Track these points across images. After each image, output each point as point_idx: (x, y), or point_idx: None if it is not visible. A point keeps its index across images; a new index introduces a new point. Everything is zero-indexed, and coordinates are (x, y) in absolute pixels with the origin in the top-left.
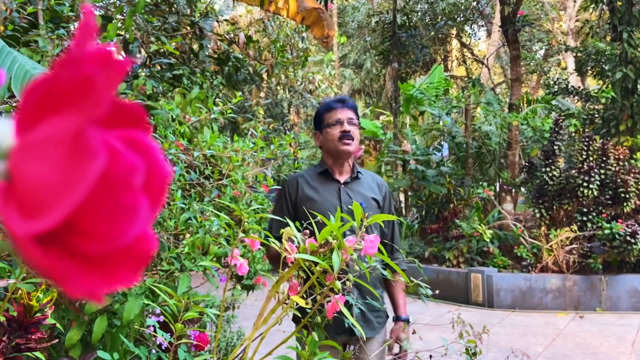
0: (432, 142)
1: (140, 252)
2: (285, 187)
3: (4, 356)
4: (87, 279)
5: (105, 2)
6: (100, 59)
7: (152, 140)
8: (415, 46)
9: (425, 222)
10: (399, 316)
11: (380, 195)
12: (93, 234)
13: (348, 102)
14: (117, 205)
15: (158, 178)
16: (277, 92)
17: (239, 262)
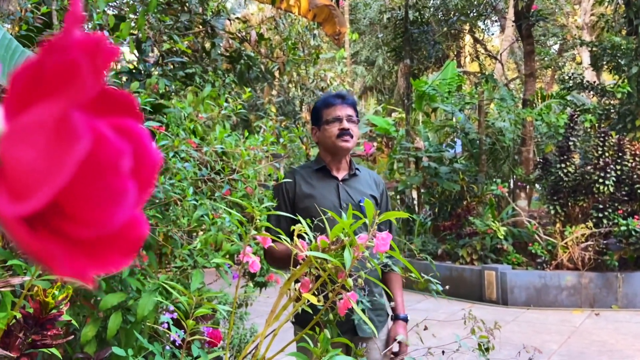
0: (445, 138)
1: (131, 236)
2: (282, 185)
3: (20, 352)
4: (76, 262)
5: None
6: (87, 46)
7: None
8: (428, 42)
9: (438, 219)
10: (398, 315)
11: (378, 192)
12: (82, 217)
13: (347, 98)
14: (104, 190)
15: (147, 164)
16: (289, 89)
17: (250, 260)
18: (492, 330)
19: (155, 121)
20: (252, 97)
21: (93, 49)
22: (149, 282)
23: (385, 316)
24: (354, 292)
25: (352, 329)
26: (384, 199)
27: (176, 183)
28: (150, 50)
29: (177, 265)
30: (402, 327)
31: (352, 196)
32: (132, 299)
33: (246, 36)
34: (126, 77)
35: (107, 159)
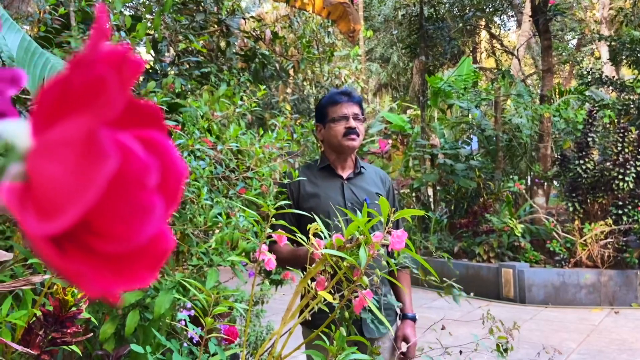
0: (461, 135)
1: (157, 251)
2: (288, 184)
3: (40, 350)
4: (103, 279)
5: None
6: (113, 60)
7: (168, 139)
8: (443, 38)
9: (454, 217)
10: (406, 314)
11: (384, 190)
12: (109, 234)
13: (354, 96)
14: (131, 205)
15: (173, 177)
16: (304, 87)
17: (266, 258)
18: (511, 330)
19: (172, 120)
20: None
21: (119, 63)
22: (166, 280)
23: (394, 316)
24: (369, 291)
25: (359, 330)
26: (391, 196)
27: (191, 182)
28: (166, 50)
29: (193, 264)
30: (411, 326)
31: (357, 195)
32: (150, 296)
33: (261, 35)
34: (143, 77)
35: (133, 174)
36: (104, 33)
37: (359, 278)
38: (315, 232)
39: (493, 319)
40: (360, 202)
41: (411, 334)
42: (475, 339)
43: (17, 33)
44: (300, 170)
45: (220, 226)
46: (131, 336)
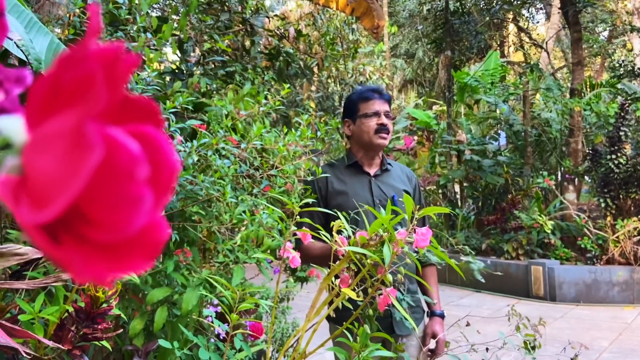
0: (489, 131)
1: (152, 240)
2: (315, 181)
3: (72, 345)
4: (95, 266)
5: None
6: (104, 57)
7: (163, 134)
8: (469, 33)
9: (481, 214)
10: (434, 311)
11: (411, 187)
12: (101, 223)
13: (384, 93)
14: (121, 196)
15: (166, 170)
16: (328, 85)
17: (291, 255)
18: (537, 327)
19: (197, 120)
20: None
21: (112, 60)
22: (194, 277)
23: (422, 313)
24: (393, 288)
25: (389, 326)
26: (417, 193)
27: (216, 180)
28: (192, 50)
29: (219, 261)
30: (439, 323)
31: (385, 192)
32: (178, 293)
33: (285, 33)
34: (169, 77)
35: (122, 166)
36: (95, 31)
37: (382, 275)
38: (339, 229)
39: (519, 316)
40: (388, 199)
41: (439, 331)
42: (501, 336)
43: (45, 36)
44: (327, 168)
45: (246, 224)
46: (160, 332)
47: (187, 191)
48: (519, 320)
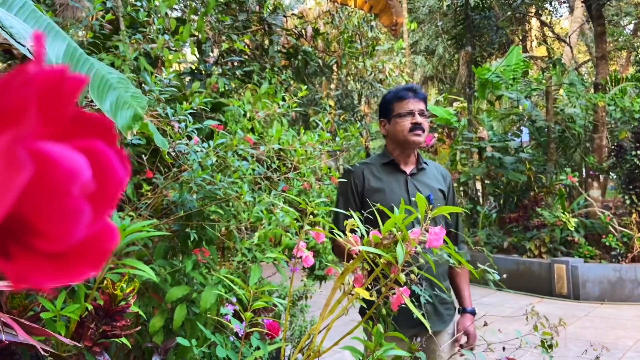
0: (511, 127)
1: (99, 248)
2: (351, 178)
3: (92, 342)
4: (43, 274)
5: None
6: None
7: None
8: (490, 28)
9: (503, 211)
10: (465, 308)
11: (445, 186)
12: (46, 234)
13: (419, 92)
14: (60, 209)
15: (112, 183)
16: (347, 83)
17: (304, 254)
18: (557, 326)
19: (215, 120)
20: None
21: (55, 82)
22: (212, 276)
23: (454, 309)
24: (406, 288)
25: (421, 323)
26: (451, 192)
27: (234, 180)
28: (210, 51)
29: (237, 259)
30: (470, 319)
31: (421, 190)
32: (196, 291)
33: (302, 32)
34: (189, 78)
35: (58, 182)
36: (38, 57)
37: (395, 275)
38: (352, 228)
39: (537, 315)
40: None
41: (471, 327)
42: (518, 335)
43: (62, 41)
44: (363, 165)
45: (264, 223)
46: (179, 330)
47: (205, 191)
48: (537, 320)
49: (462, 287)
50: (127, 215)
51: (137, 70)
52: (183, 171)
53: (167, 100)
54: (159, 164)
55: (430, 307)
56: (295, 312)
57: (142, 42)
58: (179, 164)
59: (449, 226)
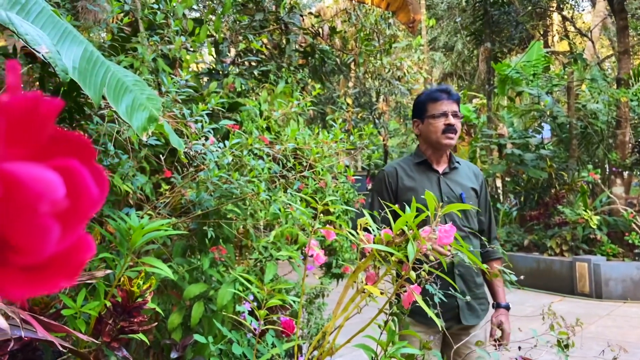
0: (532, 124)
1: (72, 261)
2: (385, 177)
3: (110, 338)
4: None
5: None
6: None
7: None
8: (510, 23)
9: (524, 209)
10: (499, 303)
11: (478, 185)
12: (20, 249)
13: (453, 94)
14: (29, 226)
15: (85, 199)
16: (365, 80)
17: (315, 253)
18: (573, 326)
19: (231, 119)
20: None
21: (30, 107)
22: (229, 274)
23: (487, 304)
24: (417, 285)
25: (456, 317)
26: (484, 191)
27: (250, 179)
28: (227, 51)
29: (253, 257)
30: (504, 314)
31: (453, 189)
32: (214, 289)
33: (319, 30)
34: (207, 78)
35: (26, 202)
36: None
37: (407, 273)
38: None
39: (554, 314)
40: (456, 197)
41: (505, 322)
42: (534, 334)
43: (79, 45)
44: (396, 165)
45: (280, 221)
46: (198, 326)
47: (222, 190)
48: (553, 319)
49: (495, 283)
50: (146, 214)
51: (156, 71)
52: (200, 170)
53: (185, 100)
54: (177, 163)
55: (463, 302)
56: (313, 310)
57: (159, 44)
58: (196, 164)
59: (482, 224)
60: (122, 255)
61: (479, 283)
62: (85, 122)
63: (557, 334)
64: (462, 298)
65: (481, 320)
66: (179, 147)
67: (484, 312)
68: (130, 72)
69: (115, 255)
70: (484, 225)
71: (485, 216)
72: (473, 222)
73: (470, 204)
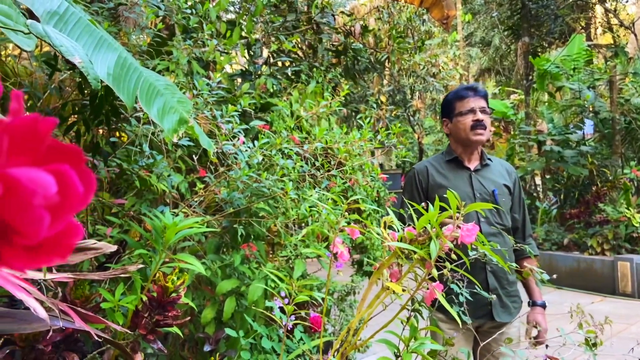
0: (573, 119)
1: (63, 243)
2: (416, 175)
3: (146, 330)
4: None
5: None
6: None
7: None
8: (548, 17)
9: (564, 207)
10: (535, 301)
11: (511, 182)
12: (22, 233)
13: (480, 90)
14: (27, 216)
15: (73, 196)
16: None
17: (339, 250)
18: (602, 325)
19: (263, 120)
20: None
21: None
22: (260, 270)
23: (520, 303)
24: (438, 283)
25: (489, 314)
26: (517, 188)
27: (279, 178)
28: (260, 52)
29: (282, 255)
30: (541, 313)
31: (486, 186)
32: (245, 285)
33: (351, 29)
34: (240, 79)
35: (24, 198)
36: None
37: (428, 270)
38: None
39: (582, 312)
40: (488, 193)
41: (542, 320)
42: (562, 333)
43: (114, 53)
44: (427, 163)
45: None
46: (230, 321)
47: (252, 188)
48: (581, 317)
49: (531, 280)
50: (181, 211)
51: (190, 73)
52: (231, 170)
53: (219, 101)
54: (210, 163)
55: (496, 300)
56: (345, 307)
57: (193, 47)
58: (228, 163)
59: (516, 221)
60: (157, 251)
61: (512, 280)
62: (122, 124)
63: (585, 333)
64: (489, 297)
65: (514, 317)
66: (209, 147)
67: (517, 309)
68: (162, 76)
69: (151, 252)
70: (518, 223)
71: (519, 214)
72: (506, 219)
73: (503, 200)
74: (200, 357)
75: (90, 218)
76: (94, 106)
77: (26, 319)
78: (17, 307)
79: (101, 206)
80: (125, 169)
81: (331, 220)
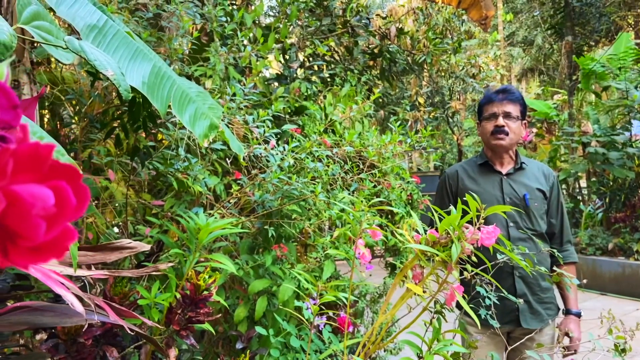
0: (620, 120)
1: (60, 244)
2: (446, 178)
3: (180, 326)
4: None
5: (275, 11)
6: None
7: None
8: (592, 15)
9: (609, 211)
10: (569, 309)
11: (547, 186)
12: (24, 237)
13: (510, 93)
14: (27, 223)
15: (68, 207)
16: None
17: (361, 252)
18: (633, 331)
19: (295, 123)
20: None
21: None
22: (290, 271)
23: (555, 310)
24: (459, 285)
25: (515, 320)
26: (554, 192)
27: (309, 181)
28: (295, 57)
29: (312, 256)
30: (574, 322)
31: (517, 190)
32: (277, 285)
33: (386, 32)
34: (276, 84)
35: (24, 208)
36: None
37: (449, 272)
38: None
39: (612, 318)
40: (519, 198)
41: (575, 329)
42: (591, 338)
43: (149, 63)
44: (459, 166)
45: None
46: (262, 320)
47: (283, 191)
48: (611, 323)
49: (571, 288)
50: (217, 212)
51: (227, 78)
52: (264, 173)
53: (254, 105)
54: (244, 167)
55: (525, 305)
56: (377, 309)
57: (229, 53)
58: (260, 166)
59: (553, 226)
60: (190, 251)
61: (545, 287)
62: (158, 130)
63: (615, 338)
64: (516, 301)
65: (546, 325)
66: (239, 152)
67: (551, 316)
68: (194, 84)
69: (186, 252)
70: (555, 228)
71: (556, 218)
72: (538, 224)
73: (536, 205)
74: (232, 354)
75: (132, 218)
76: (132, 112)
77: (67, 312)
78: (62, 303)
79: (143, 207)
80: (162, 172)
81: (353, 223)
